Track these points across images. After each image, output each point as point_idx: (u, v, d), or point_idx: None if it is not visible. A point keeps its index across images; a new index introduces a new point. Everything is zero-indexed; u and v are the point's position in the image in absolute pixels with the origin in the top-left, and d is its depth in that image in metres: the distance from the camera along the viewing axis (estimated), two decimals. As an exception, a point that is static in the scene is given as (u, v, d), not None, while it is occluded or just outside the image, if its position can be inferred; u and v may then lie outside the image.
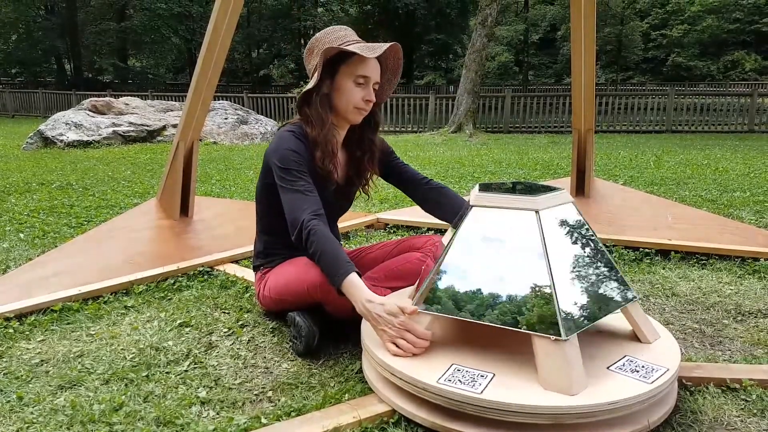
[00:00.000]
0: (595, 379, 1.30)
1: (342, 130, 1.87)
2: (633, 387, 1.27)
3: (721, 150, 8.56)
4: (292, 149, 1.73)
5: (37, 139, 8.51)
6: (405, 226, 3.39)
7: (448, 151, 8.50)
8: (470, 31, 21.16)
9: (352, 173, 1.94)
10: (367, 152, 1.91)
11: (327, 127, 1.75)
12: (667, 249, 2.75)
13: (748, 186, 4.80)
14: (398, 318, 1.45)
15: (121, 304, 2.14)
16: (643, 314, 1.53)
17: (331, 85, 1.75)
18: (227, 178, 5.50)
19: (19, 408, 1.45)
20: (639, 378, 1.31)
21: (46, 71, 27.05)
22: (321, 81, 1.73)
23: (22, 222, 3.52)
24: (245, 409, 1.46)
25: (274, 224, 1.82)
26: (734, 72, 29.77)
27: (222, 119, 10.10)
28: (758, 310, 2.09)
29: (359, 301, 1.51)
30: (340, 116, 1.81)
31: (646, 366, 1.37)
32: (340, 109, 1.78)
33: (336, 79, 1.74)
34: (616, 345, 1.49)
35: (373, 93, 1.76)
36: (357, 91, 1.74)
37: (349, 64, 1.72)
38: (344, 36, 1.75)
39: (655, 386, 1.28)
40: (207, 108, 3.18)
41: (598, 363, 1.39)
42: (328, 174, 1.80)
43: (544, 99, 13.67)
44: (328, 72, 1.74)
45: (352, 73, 1.72)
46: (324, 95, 1.75)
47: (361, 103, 1.75)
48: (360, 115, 1.79)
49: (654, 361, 1.40)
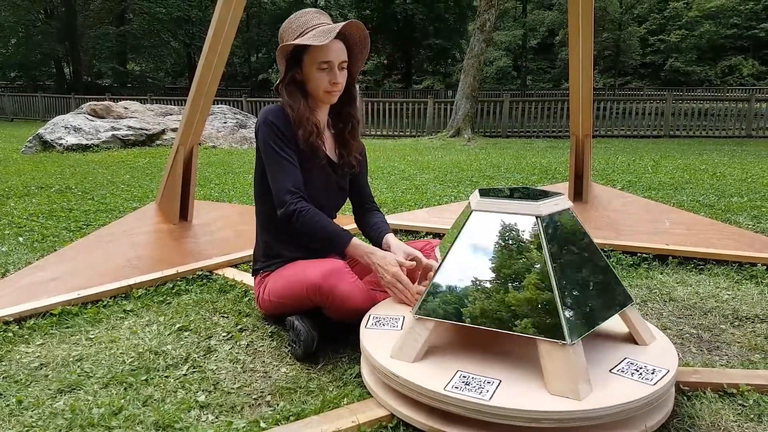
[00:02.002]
0: (598, 383, 1.31)
1: (322, 110, 1.94)
2: (637, 389, 1.28)
3: (719, 155, 8.58)
4: (274, 122, 1.82)
5: (36, 143, 8.51)
6: (403, 231, 3.39)
7: (447, 156, 8.51)
8: (469, 36, 21.21)
9: (340, 148, 1.99)
10: (348, 123, 1.97)
11: (301, 108, 1.83)
12: (665, 254, 2.76)
13: (745, 191, 4.82)
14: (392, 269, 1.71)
15: (120, 308, 2.14)
16: (639, 317, 1.54)
17: (300, 73, 1.85)
18: (226, 182, 5.51)
19: (19, 412, 1.45)
20: (641, 379, 1.32)
21: (46, 75, 27.04)
22: (287, 73, 1.84)
23: (21, 226, 3.52)
24: (244, 413, 1.46)
25: (273, 217, 1.85)
26: (732, 77, 29.85)
27: (221, 123, 10.11)
28: (755, 315, 2.10)
29: (363, 255, 1.78)
30: (315, 99, 1.88)
31: (647, 367, 1.38)
32: (313, 93, 1.87)
33: (303, 68, 1.83)
34: (615, 348, 1.50)
35: (338, 74, 1.82)
36: (323, 76, 1.81)
37: (309, 53, 1.80)
38: (305, 23, 1.82)
39: (658, 387, 1.29)
40: (207, 113, 3.18)
41: (600, 366, 1.39)
42: (315, 150, 1.87)
43: (542, 104, 13.72)
44: (296, 63, 1.84)
45: (314, 61, 1.80)
46: (295, 83, 1.85)
47: (329, 86, 1.83)
48: (333, 97, 1.87)
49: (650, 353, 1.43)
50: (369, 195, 2.12)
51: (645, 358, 1.43)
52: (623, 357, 1.44)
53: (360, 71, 1.99)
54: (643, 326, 1.54)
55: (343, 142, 1.99)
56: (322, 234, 1.78)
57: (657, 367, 1.38)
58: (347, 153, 1.98)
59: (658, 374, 1.34)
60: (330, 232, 1.79)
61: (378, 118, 13.80)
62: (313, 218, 1.77)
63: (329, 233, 1.79)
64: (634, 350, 1.48)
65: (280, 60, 1.84)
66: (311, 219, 1.76)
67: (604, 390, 1.28)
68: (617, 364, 1.40)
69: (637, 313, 1.53)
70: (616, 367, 1.39)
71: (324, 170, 1.91)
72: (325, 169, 1.92)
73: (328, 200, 1.96)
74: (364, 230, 2.07)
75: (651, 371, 1.36)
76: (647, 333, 1.53)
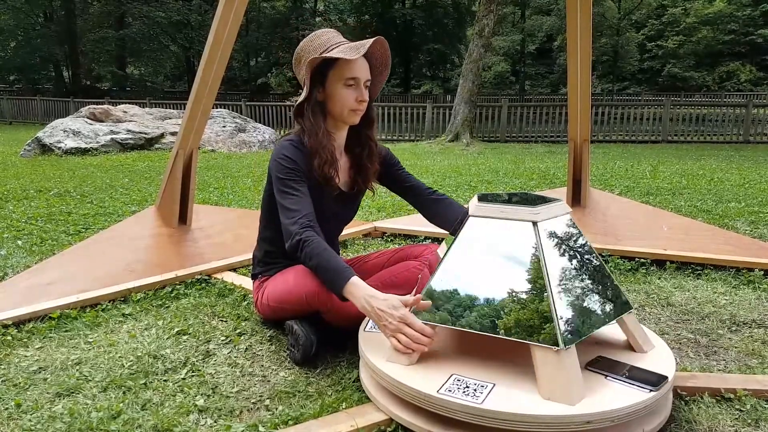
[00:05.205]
0: (593, 389, 1.32)
1: (341, 132, 1.89)
2: (632, 395, 1.29)
3: (717, 160, 8.61)
4: (288, 156, 1.75)
5: (35, 146, 8.51)
6: (402, 235, 3.40)
7: (445, 160, 8.53)
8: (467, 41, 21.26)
9: (354, 174, 1.94)
10: (366, 148, 1.92)
11: (321, 134, 1.77)
12: (663, 259, 2.77)
13: (743, 196, 4.84)
14: (399, 311, 1.46)
15: (119, 312, 2.14)
16: (638, 324, 1.54)
17: (323, 92, 1.78)
18: (225, 186, 5.51)
19: (17, 415, 1.45)
20: (637, 386, 1.32)
21: (45, 78, 27.04)
22: (311, 91, 1.77)
23: (20, 229, 3.52)
24: (243, 417, 1.46)
25: (277, 237, 1.82)
26: (729, 83, 29.96)
27: (220, 127, 10.12)
28: (753, 320, 2.11)
29: (361, 298, 1.51)
30: (337, 120, 1.83)
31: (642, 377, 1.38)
32: (336, 113, 1.80)
33: (327, 86, 1.77)
34: (612, 355, 1.50)
35: (364, 92, 1.78)
36: (349, 94, 1.76)
37: (336, 69, 1.74)
38: (327, 41, 1.77)
39: (653, 395, 1.29)
40: (207, 117, 3.19)
41: (596, 372, 1.40)
42: (328, 180, 1.81)
43: (540, 109, 13.76)
44: (318, 80, 1.77)
45: (341, 77, 1.75)
46: (317, 104, 1.79)
47: (355, 104, 1.77)
48: (357, 116, 1.81)
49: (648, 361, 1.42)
50: (422, 186, 2.00)
51: (642, 365, 1.43)
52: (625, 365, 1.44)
53: (378, 93, 1.93)
54: (642, 334, 1.53)
55: (359, 167, 1.93)
56: (324, 265, 1.60)
57: None
58: (363, 180, 1.93)
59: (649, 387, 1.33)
60: (331, 266, 1.60)
61: (377, 122, 13.79)
62: (317, 248, 1.61)
63: (330, 267, 1.60)
64: (631, 357, 1.48)
65: (305, 76, 1.75)
66: (315, 248, 1.61)
67: (597, 396, 1.29)
68: None
69: (635, 320, 1.53)
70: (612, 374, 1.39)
71: (334, 200, 1.88)
72: (336, 199, 1.89)
73: (337, 224, 1.96)
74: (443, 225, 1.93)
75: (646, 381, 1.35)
76: (646, 341, 1.53)
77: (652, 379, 1.34)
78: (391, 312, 1.46)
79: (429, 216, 2.01)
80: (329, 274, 1.59)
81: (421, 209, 2.02)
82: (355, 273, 1.57)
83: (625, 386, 1.33)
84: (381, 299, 1.49)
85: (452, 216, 1.90)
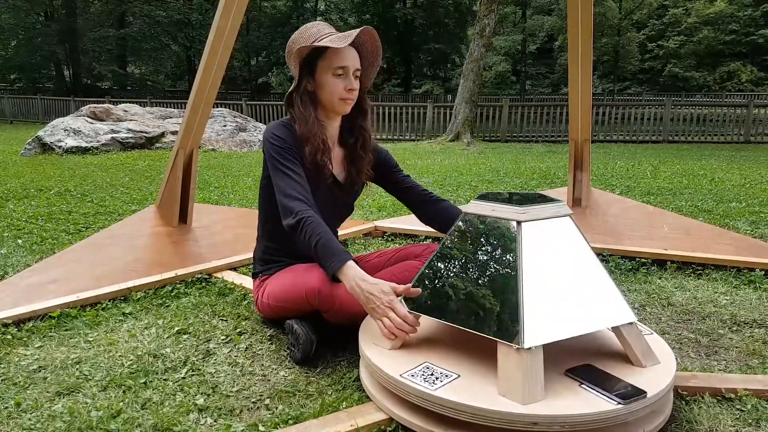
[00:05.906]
0: (560, 393, 1.29)
1: (333, 123, 1.90)
2: (594, 405, 1.24)
3: (717, 160, 8.60)
4: (279, 136, 1.78)
5: (36, 145, 8.51)
6: (403, 234, 3.40)
7: (446, 160, 8.53)
8: (468, 41, 21.27)
9: (348, 165, 1.94)
10: (360, 138, 1.92)
11: (311, 122, 1.79)
12: (664, 259, 2.77)
13: (743, 196, 4.83)
14: (387, 296, 1.51)
15: (119, 311, 2.14)
16: (640, 337, 1.45)
17: (313, 82, 1.80)
18: (226, 185, 5.51)
19: (17, 414, 1.45)
20: (606, 398, 1.27)
21: (45, 77, 27.03)
22: (300, 80, 1.79)
23: (20, 228, 3.52)
24: (243, 416, 1.46)
25: (277, 230, 1.81)
26: (730, 83, 29.96)
27: (221, 126, 10.12)
28: (753, 320, 2.10)
29: (352, 279, 1.55)
30: (328, 110, 1.84)
31: None
32: (326, 103, 1.82)
33: (316, 76, 1.79)
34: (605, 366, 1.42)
35: (354, 81, 1.79)
36: (338, 83, 1.77)
37: (325, 59, 1.77)
38: (317, 32, 1.79)
39: (617, 408, 1.23)
40: (207, 116, 3.19)
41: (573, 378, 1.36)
42: (321, 168, 1.82)
43: (541, 108, 13.74)
44: (308, 70, 1.79)
45: (330, 66, 1.77)
46: (307, 93, 1.81)
47: (345, 93, 1.79)
48: (347, 105, 1.82)
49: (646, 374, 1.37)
50: (420, 188, 2.02)
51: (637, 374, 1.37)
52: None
53: (371, 84, 1.93)
54: (642, 347, 1.44)
55: (353, 158, 1.93)
56: (324, 243, 1.61)
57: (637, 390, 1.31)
58: (357, 171, 1.93)
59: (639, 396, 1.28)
60: (332, 245, 1.61)
61: (377, 122, 13.79)
62: (318, 227, 1.63)
63: (330, 246, 1.61)
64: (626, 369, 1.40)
65: (294, 66, 1.79)
66: (316, 227, 1.63)
67: (559, 400, 1.26)
68: None
69: (637, 332, 1.44)
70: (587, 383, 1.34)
71: (329, 189, 1.88)
72: (331, 189, 1.89)
73: (332, 217, 1.94)
74: (439, 227, 1.96)
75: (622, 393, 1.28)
76: (647, 355, 1.44)
77: (629, 393, 1.27)
78: (380, 296, 1.51)
79: (426, 219, 2.03)
80: (327, 252, 1.60)
81: (418, 212, 2.04)
82: (355, 259, 1.61)
83: (595, 395, 1.28)
84: (371, 283, 1.53)
85: (449, 218, 1.91)
